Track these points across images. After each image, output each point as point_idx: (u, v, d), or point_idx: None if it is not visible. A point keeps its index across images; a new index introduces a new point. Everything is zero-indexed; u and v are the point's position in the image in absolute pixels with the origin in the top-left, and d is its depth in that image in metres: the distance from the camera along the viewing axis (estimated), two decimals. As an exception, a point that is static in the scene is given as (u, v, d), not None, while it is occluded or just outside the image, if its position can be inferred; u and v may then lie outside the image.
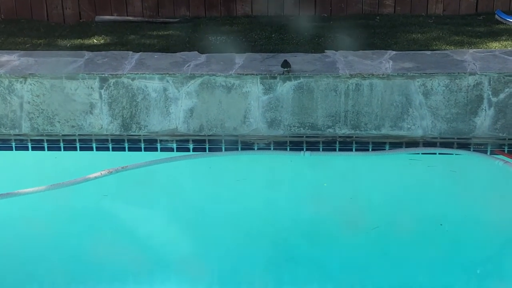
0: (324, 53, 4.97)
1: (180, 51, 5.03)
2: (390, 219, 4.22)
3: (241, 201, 4.45)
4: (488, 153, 4.65)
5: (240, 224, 4.30)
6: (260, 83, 4.64)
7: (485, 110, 4.59)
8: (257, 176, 4.67)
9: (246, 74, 4.64)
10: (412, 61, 4.74)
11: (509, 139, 4.63)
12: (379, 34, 5.53)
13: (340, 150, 4.71)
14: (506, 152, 4.64)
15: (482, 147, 4.66)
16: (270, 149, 4.75)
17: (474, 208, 4.27)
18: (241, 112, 4.69)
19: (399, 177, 4.60)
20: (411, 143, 4.70)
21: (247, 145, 4.75)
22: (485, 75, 4.53)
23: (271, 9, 6.53)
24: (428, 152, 4.66)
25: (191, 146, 4.74)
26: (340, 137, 4.71)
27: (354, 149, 4.71)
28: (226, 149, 4.71)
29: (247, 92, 4.65)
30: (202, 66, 4.74)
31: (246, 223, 4.30)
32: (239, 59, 4.87)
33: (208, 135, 4.72)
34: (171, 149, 4.72)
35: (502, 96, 4.55)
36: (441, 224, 4.10)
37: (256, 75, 4.63)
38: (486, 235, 4.04)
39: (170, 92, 4.65)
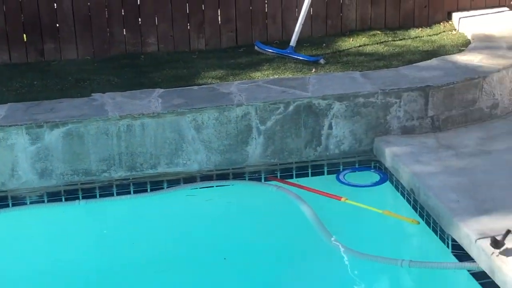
0: (91, 97, 4.87)
1: None
2: (174, 259, 4.17)
3: (21, 262, 4.18)
4: (262, 180, 4.80)
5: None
6: (26, 133, 4.43)
7: (255, 138, 4.73)
8: (33, 232, 4.42)
9: (10, 126, 4.42)
10: (181, 98, 4.78)
11: (280, 164, 4.82)
12: (145, 72, 5.52)
13: (118, 194, 4.62)
14: (278, 177, 4.81)
15: (256, 174, 4.80)
16: (44, 201, 4.54)
17: (255, 236, 4.35)
18: (8, 166, 4.45)
19: (179, 215, 4.59)
20: (189, 179, 4.72)
21: (19, 200, 4.52)
22: (252, 105, 4.68)
23: (30, 55, 6.27)
24: (206, 185, 4.72)
25: (-44, 208, 4.39)
26: (116, 180, 4.62)
27: (132, 192, 4.64)
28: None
29: (13, 144, 4.43)
30: (-41, 121, 4.42)
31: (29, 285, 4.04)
32: (1, 110, 4.63)
33: (-26, 194, 4.40)
34: None
35: (269, 123, 4.73)
36: (225, 258, 4.12)
37: (21, 125, 4.43)
38: (270, 261, 4.12)
39: None
